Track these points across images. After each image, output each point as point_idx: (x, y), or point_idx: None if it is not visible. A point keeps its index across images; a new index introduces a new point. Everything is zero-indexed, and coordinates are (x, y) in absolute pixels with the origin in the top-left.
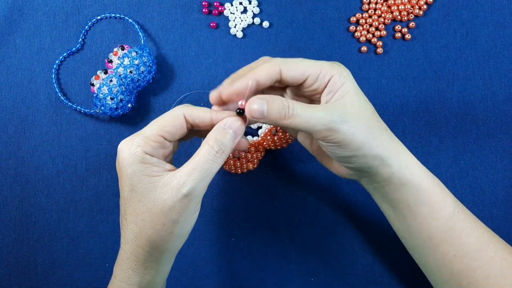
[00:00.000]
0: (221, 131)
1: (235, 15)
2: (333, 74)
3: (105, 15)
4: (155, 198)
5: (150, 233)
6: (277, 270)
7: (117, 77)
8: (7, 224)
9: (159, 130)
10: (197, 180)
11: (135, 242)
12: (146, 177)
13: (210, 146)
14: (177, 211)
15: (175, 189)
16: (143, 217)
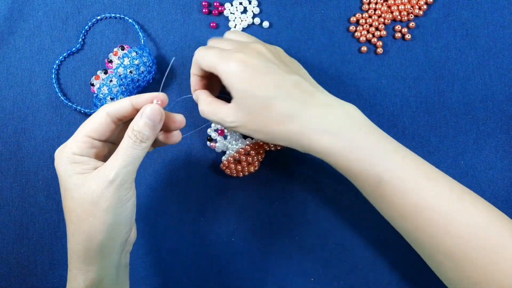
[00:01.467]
0: (137, 119)
1: (235, 15)
2: (223, 78)
3: (105, 15)
4: (85, 191)
5: (84, 227)
6: (277, 270)
7: (117, 77)
8: (7, 224)
9: (85, 131)
10: (120, 166)
11: (74, 239)
12: (76, 174)
13: (128, 136)
14: (106, 199)
15: (101, 178)
16: (76, 213)
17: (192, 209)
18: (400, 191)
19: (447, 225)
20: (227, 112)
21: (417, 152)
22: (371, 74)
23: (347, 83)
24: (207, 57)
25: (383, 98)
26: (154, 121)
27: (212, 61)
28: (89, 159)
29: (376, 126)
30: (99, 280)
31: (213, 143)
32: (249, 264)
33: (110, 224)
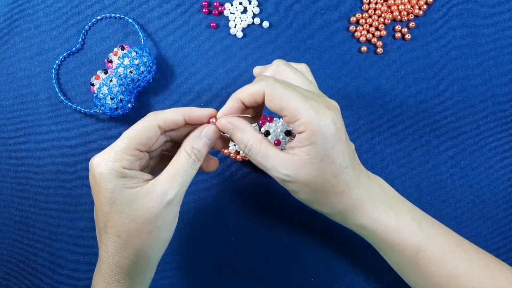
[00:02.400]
0: (197, 139)
1: (235, 15)
2: (307, 129)
3: (105, 15)
4: (139, 208)
5: (136, 243)
6: (277, 270)
7: (117, 77)
8: (7, 224)
9: (134, 144)
10: (179, 186)
11: (121, 253)
12: (127, 189)
13: (187, 154)
14: (162, 218)
15: (159, 196)
16: (127, 228)
17: (192, 209)
18: (437, 259)
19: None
20: (284, 161)
21: (417, 152)
22: (371, 74)
23: (347, 83)
24: (289, 99)
25: (383, 98)
26: (212, 141)
27: (300, 108)
28: (137, 172)
29: None
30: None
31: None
32: (249, 264)
33: (162, 240)
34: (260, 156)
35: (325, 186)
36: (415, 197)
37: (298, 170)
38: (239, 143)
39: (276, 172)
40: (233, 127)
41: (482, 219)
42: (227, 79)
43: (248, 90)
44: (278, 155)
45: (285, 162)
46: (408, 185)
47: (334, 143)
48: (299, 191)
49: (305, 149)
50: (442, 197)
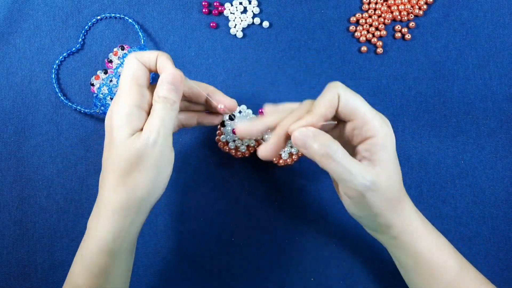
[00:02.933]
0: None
1: (235, 15)
2: (379, 134)
3: (105, 15)
4: (131, 148)
5: (128, 181)
6: (277, 270)
7: (117, 77)
8: (7, 224)
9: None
10: (158, 125)
11: (113, 189)
12: (128, 129)
13: (156, 101)
14: (151, 158)
15: (145, 138)
16: (120, 166)
17: (192, 209)
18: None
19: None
20: (366, 169)
21: (417, 152)
22: (371, 74)
23: (347, 83)
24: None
25: (383, 98)
26: (178, 86)
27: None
28: (143, 113)
29: None
30: (126, 234)
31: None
32: (249, 264)
33: (152, 180)
34: (346, 160)
35: (397, 191)
36: (415, 197)
37: (379, 176)
38: (325, 147)
39: (363, 179)
40: (313, 134)
41: (482, 219)
42: (227, 79)
43: (325, 102)
44: (360, 163)
45: (368, 169)
46: (408, 185)
47: (395, 149)
48: (374, 203)
49: (379, 155)
50: (442, 197)
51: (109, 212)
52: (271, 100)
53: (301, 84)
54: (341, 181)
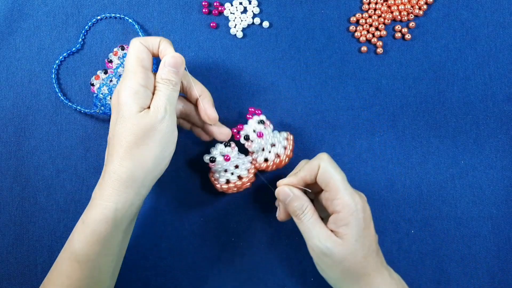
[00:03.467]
0: (161, 69)
1: (235, 15)
2: (344, 210)
3: (105, 15)
4: (139, 123)
5: (135, 153)
6: (277, 270)
7: (117, 77)
8: (7, 224)
9: (136, 62)
10: (164, 104)
11: (120, 161)
12: (136, 106)
13: (158, 82)
14: (158, 132)
15: (153, 114)
16: (128, 139)
17: (192, 209)
18: None
19: None
20: (328, 235)
21: (417, 152)
22: (371, 74)
23: (347, 83)
24: (335, 179)
25: (383, 98)
26: (177, 68)
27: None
28: (148, 93)
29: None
30: (130, 205)
31: (249, 142)
32: (249, 264)
33: (157, 155)
34: (311, 221)
35: (357, 266)
36: (415, 197)
37: (336, 247)
38: (297, 208)
39: (319, 242)
40: (293, 194)
41: (482, 219)
42: (227, 79)
43: (307, 167)
44: (324, 229)
45: (328, 236)
46: (408, 185)
47: (364, 227)
48: (332, 267)
49: (341, 229)
50: (442, 197)
51: (116, 183)
52: (271, 100)
53: (301, 84)
54: (305, 239)
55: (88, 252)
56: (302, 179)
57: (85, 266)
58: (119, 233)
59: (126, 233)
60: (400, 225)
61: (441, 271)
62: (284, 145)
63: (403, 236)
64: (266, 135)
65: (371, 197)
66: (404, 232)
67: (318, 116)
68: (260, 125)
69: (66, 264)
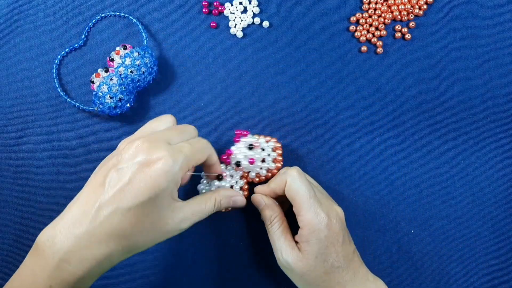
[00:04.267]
0: (228, 199)
1: (235, 15)
2: (305, 227)
3: (109, 13)
4: (162, 218)
5: (139, 241)
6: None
7: (117, 76)
8: (7, 224)
9: (196, 159)
10: (194, 222)
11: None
12: (170, 197)
13: (214, 204)
14: (167, 236)
15: (178, 220)
16: (144, 226)
17: None
18: None
19: None
20: (290, 250)
21: (417, 152)
22: (371, 74)
23: (347, 83)
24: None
25: (383, 98)
26: (235, 205)
27: (305, 208)
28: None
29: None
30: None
31: (240, 167)
32: (249, 264)
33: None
34: (277, 233)
35: (317, 281)
36: (415, 197)
37: (296, 261)
38: (267, 217)
39: (280, 255)
40: (264, 203)
41: (482, 219)
42: (227, 79)
43: (276, 180)
44: (289, 242)
45: (291, 249)
46: (408, 185)
47: (327, 245)
48: (295, 279)
49: (303, 245)
50: (442, 197)
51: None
52: (271, 100)
53: (301, 84)
54: (273, 249)
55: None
56: (273, 191)
57: None
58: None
59: None
60: (400, 225)
61: (441, 271)
62: (274, 156)
63: (403, 236)
64: (257, 158)
65: (371, 197)
66: (404, 232)
67: (318, 116)
68: (250, 152)
69: None
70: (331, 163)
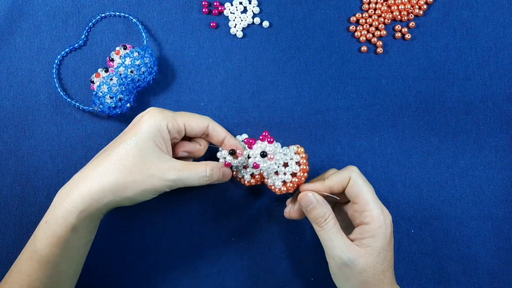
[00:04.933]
0: (218, 170)
1: (235, 15)
2: (373, 222)
3: (109, 13)
4: (146, 161)
5: (119, 178)
6: (277, 270)
7: (117, 76)
8: (7, 224)
9: (185, 120)
10: (179, 178)
11: (101, 176)
12: (152, 142)
13: (205, 170)
14: (151, 184)
15: (163, 169)
16: (125, 164)
17: (192, 209)
18: None
19: None
20: (349, 246)
21: (417, 152)
22: (371, 74)
23: (347, 83)
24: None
25: (383, 98)
26: (225, 177)
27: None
28: (169, 141)
29: None
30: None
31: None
32: (249, 264)
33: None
34: (333, 231)
35: (375, 279)
36: (415, 197)
37: (358, 257)
38: (319, 216)
39: (341, 251)
40: (317, 201)
41: (482, 219)
42: (227, 79)
43: (336, 177)
44: (346, 239)
45: (349, 246)
46: (408, 185)
47: (389, 242)
48: (350, 278)
49: (367, 241)
50: (442, 197)
51: (84, 190)
52: (271, 100)
53: (301, 84)
54: (324, 247)
55: (48, 253)
56: (329, 188)
57: (45, 267)
58: (79, 239)
59: (86, 241)
60: (400, 225)
61: (441, 271)
62: (297, 160)
63: (403, 236)
64: (270, 163)
65: None
66: (404, 232)
67: (318, 116)
68: (261, 158)
69: (26, 263)
70: (331, 163)
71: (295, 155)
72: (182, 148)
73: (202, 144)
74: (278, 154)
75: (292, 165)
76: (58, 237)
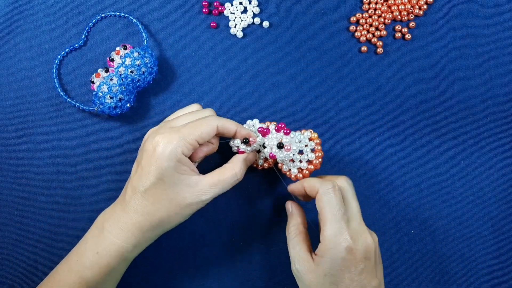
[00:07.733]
0: (245, 165)
1: (235, 15)
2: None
3: (109, 13)
4: (179, 193)
5: (162, 216)
6: (277, 270)
7: (117, 76)
8: (7, 224)
9: (196, 136)
10: (215, 193)
11: (146, 216)
12: (177, 173)
13: (235, 174)
14: (191, 209)
15: (197, 193)
16: (163, 203)
17: None
18: None
19: None
20: (303, 259)
21: (417, 152)
22: (371, 74)
23: (347, 83)
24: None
25: (383, 98)
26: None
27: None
28: (189, 161)
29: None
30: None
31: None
32: (249, 264)
33: (180, 221)
34: (293, 242)
35: None
36: (415, 197)
37: (307, 273)
38: (287, 225)
39: (292, 262)
40: (290, 211)
41: (482, 219)
42: (227, 79)
43: (311, 182)
44: (304, 253)
45: (303, 260)
46: (408, 185)
47: (342, 268)
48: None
49: (316, 258)
50: (442, 197)
51: (136, 231)
52: (271, 100)
53: (301, 84)
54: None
55: (99, 280)
56: (304, 189)
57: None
58: (126, 265)
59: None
60: (400, 225)
61: (441, 271)
62: (312, 147)
63: (403, 236)
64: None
65: (371, 197)
66: (404, 232)
67: (318, 116)
68: (278, 150)
69: (73, 286)
70: (331, 163)
71: (310, 141)
72: (197, 155)
73: (215, 142)
74: (294, 143)
75: (308, 152)
76: (111, 268)
